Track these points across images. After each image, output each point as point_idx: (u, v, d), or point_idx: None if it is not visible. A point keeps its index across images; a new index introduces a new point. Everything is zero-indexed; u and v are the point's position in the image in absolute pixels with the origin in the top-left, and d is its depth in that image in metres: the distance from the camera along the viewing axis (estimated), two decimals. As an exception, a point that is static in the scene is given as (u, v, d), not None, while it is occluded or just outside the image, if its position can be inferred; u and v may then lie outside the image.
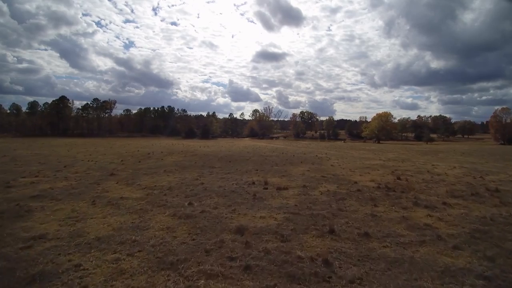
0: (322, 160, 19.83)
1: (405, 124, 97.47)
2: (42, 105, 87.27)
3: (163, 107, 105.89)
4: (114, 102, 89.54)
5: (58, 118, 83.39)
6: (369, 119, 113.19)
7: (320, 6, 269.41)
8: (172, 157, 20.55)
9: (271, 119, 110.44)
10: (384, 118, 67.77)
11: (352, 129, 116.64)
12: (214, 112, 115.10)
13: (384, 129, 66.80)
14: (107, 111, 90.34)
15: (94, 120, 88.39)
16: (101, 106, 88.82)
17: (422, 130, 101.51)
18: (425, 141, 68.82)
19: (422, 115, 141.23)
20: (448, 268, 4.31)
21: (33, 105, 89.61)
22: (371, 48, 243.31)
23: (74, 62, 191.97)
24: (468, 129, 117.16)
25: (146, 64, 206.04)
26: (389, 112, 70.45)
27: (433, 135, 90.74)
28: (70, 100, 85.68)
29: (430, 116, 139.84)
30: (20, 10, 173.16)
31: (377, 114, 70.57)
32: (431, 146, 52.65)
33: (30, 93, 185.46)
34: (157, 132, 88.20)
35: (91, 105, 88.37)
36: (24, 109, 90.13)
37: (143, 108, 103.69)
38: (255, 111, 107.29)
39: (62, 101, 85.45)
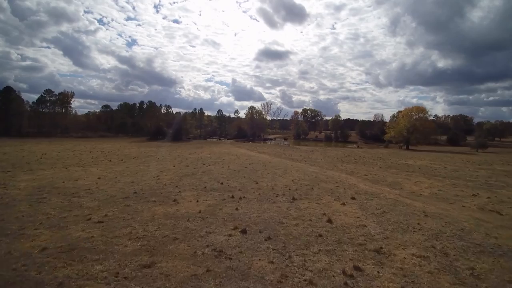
0: None
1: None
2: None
3: (142, 102, 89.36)
4: (72, 95, 73.03)
5: (5, 114, 67.66)
6: (386, 119, 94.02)
7: (324, 3, 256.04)
8: None
9: (268, 117, 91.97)
10: (417, 115, 48.31)
11: (364, 130, 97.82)
12: (201, 109, 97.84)
13: (417, 130, 47.44)
14: (65, 105, 73.80)
15: (51, 116, 71.93)
16: (57, 99, 72.33)
17: (455, 132, 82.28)
18: (474, 147, 49.61)
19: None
20: None
21: (-17, 100, 73.87)
22: (376, 47, 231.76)
23: (77, 60, 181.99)
24: (500, 131, 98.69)
25: (149, 63, 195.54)
26: (423, 107, 50.90)
27: (470, 139, 70.77)
28: (17, 92, 69.44)
29: (449, 115, 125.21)
30: (21, 7, 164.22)
31: (406, 109, 51.21)
32: (507, 158, 33.96)
33: (34, 91, 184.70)
34: (123, 131, 71.35)
35: (45, 98, 72.06)
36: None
37: (123, 103, 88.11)
38: (251, 108, 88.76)
39: (8, 93, 69.42)
